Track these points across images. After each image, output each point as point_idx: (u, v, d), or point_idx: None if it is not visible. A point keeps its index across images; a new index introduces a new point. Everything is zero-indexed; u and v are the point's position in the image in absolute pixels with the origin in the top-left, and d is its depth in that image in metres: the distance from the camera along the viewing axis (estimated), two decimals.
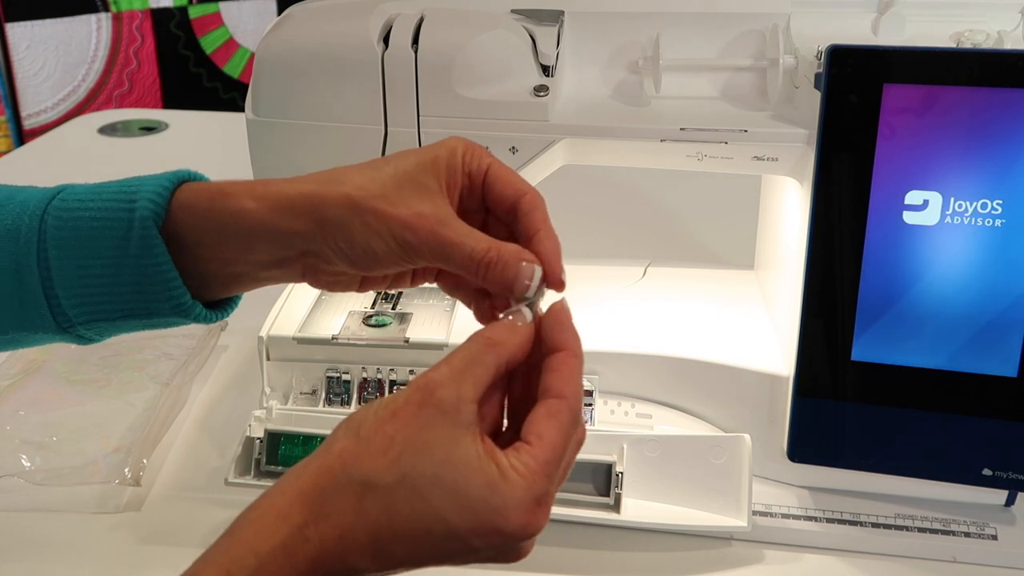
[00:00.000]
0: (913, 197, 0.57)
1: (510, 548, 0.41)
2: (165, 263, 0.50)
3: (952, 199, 0.57)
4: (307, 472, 0.41)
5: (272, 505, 0.40)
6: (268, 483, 0.66)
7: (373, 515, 0.39)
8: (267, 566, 0.38)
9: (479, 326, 0.46)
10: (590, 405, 0.68)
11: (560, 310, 0.45)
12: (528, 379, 0.45)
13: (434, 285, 0.53)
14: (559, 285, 0.46)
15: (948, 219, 0.57)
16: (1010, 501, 0.65)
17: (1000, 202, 0.56)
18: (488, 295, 0.50)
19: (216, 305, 0.53)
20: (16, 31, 1.99)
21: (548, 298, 0.46)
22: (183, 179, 0.52)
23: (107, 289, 0.51)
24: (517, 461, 0.40)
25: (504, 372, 0.43)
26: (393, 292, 0.75)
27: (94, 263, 0.50)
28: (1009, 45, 0.58)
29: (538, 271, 0.45)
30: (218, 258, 0.50)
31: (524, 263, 0.45)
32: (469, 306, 0.52)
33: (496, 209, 0.49)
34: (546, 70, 0.61)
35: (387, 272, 0.50)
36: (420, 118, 0.61)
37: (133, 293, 0.51)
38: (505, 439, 0.43)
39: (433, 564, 0.41)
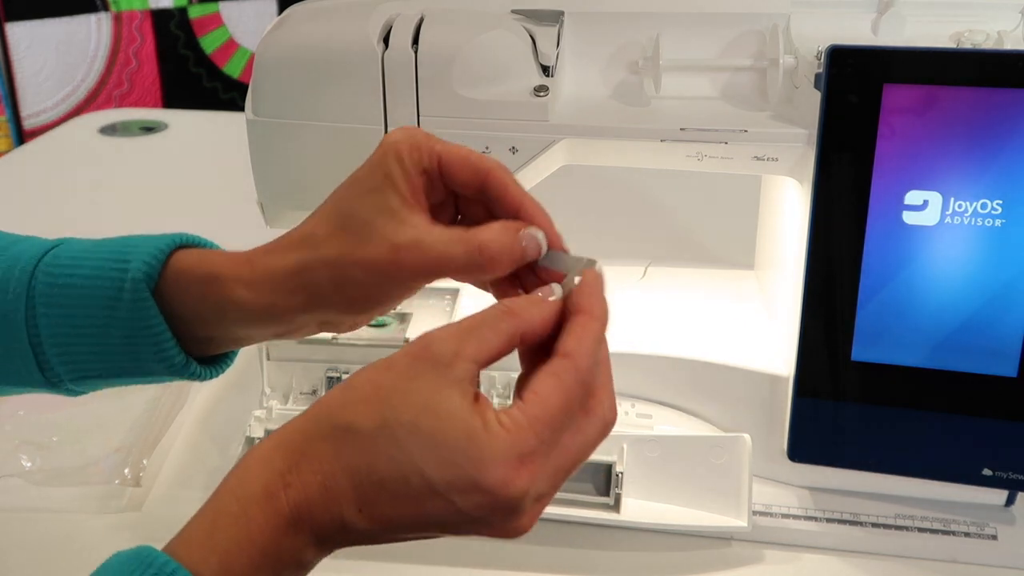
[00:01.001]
0: (913, 197, 0.57)
1: (499, 513, 0.38)
2: (157, 324, 0.49)
3: (952, 199, 0.57)
4: (293, 422, 0.40)
5: (255, 452, 0.40)
6: None
7: (353, 461, 0.38)
8: (249, 511, 0.38)
9: None
10: None
11: (592, 277, 0.43)
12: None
13: (435, 285, 0.53)
14: (562, 249, 0.45)
15: (948, 219, 0.57)
16: (1010, 501, 0.65)
17: (1000, 202, 0.56)
18: (518, 283, 0.47)
19: (212, 360, 0.53)
20: (16, 31, 1.99)
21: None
22: (179, 244, 0.51)
23: (96, 348, 0.50)
24: (505, 416, 0.38)
25: (519, 343, 0.41)
26: None
27: (83, 322, 0.50)
28: (1009, 45, 0.58)
29: (539, 233, 0.44)
30: (217, 335, 0.51)
31: (521, 233, 0.44)
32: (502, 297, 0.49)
33: (463, 192, 0.47)
34: (546, 70, 0.61)
35: (396, 302, 0.49)
36: (420, 118, 0.61)
37: (123, 353, 0.50)
38: None
39: (425, 528, 0.39)
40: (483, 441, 0.37)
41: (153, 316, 0.49)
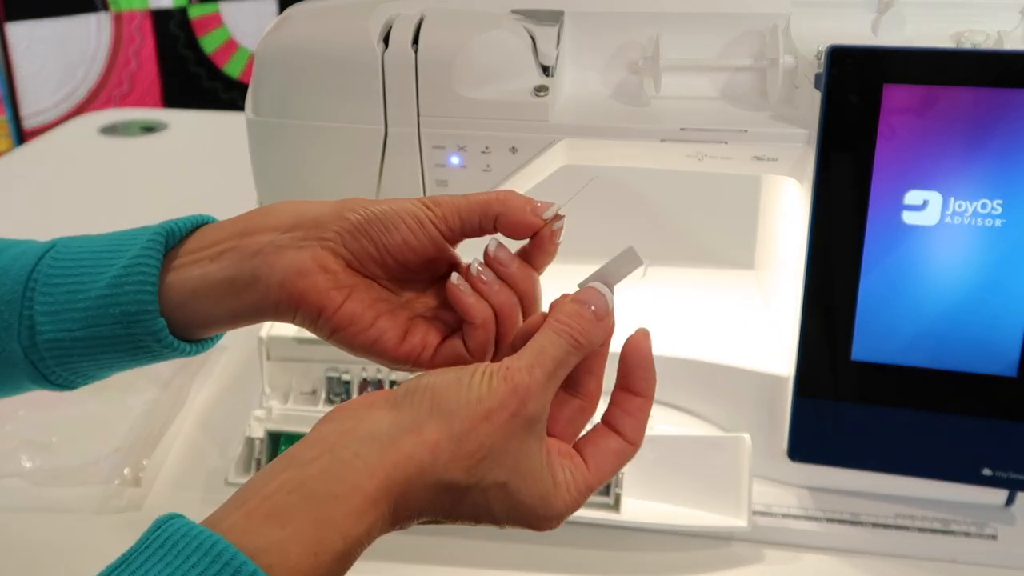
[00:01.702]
0: (913, 197, 0.57)
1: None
2: (152, 310, 0.48)
3: (952, 199, 0.57)
4: (395, 454, 0.39)
5: (360, 487, 0.39)
6: None
7: (442, 505, 0.41)
8: (353, 550, 0.39)
9: None
10: None
11: (642, 343, 0.46)
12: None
13: None
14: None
15: (948, 219, 0.57)
16: (1010, 501, 0.65)
17: (1000, 202, 0.56)
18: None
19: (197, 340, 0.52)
20: (16, 31, 1.99)
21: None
22: (162, 247, 0.50)
23: (92, 361, 0.50)
24: (571, 478, 0.43)
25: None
26: None
27: (79, 297, 0.48)
28: (1009, 45, 0.58)
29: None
30: (207, 326, 0.50)
31: (529, 209, 0.46)
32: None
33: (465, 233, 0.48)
34: (546, 70, 0.61)
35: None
36: (420, 118, 0.61)
37: (123, 362, 0.50)
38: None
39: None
40: (551, 501, 0.42)
41: (165, 339, 0.48)
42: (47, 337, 0.49)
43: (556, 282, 0.50)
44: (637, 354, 0.46)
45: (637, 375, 0.46)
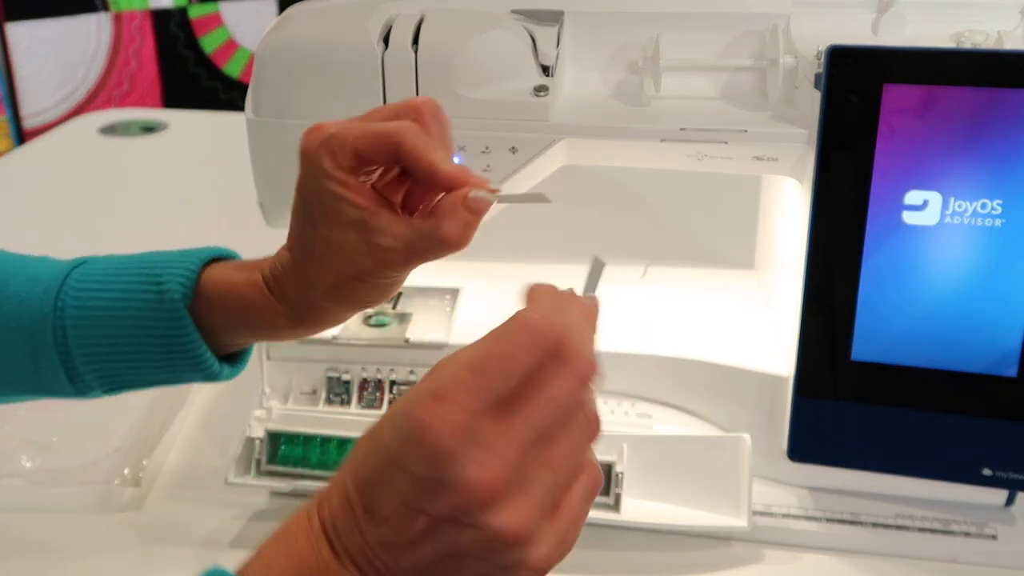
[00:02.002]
0: (913, 197, 0.57)
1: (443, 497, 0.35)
2: (194, 341, 0.53)
3: (952, 199, 0.57)
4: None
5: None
6: (268, 483, 0.66)
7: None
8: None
9: (482, 328, 0.43)
10: None
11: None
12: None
13: (434, 285, 0.54)
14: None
15: (948, 219, 0.57)
16: (1010, 501, 0.65)
17: (1000, 202, 0.56)
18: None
19: (232, 357, 0.57)
20: (16, 31, 1.99)
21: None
22: (208, 259, 0.55)
23: (132, 363, 0.54)
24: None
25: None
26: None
27: (118, 342, 0.53)
28: (1009, 45, 0.58)
29: (480, 192, 0.46)
30: (239, 340, 0.56)
31: (468, 202, 0.46)
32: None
33: (392, 166, 0.49)
34: (546, 70, 0.61)
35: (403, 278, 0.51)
36: None
37: (160, 368, 0.54)
38: None
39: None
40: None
41: (191, 334, 0.53)
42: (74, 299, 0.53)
43: (556, 281, 0.49)
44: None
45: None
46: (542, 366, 0.36)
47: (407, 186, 0.50)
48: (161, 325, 0.53)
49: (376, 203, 0.48)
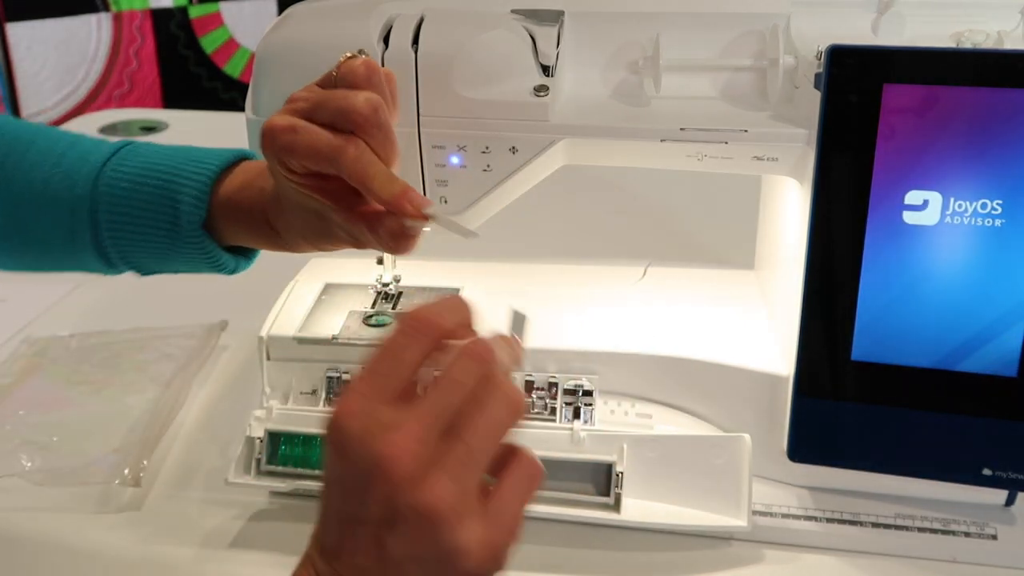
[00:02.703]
0: (913, 197, 0.57)
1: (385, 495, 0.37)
2: (212, 249, 0.61)
3: (952, 199, 0.57)
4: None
5: None
6: (268, 483, 0.66)
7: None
8: None
9: (482, 328, 0.44)
10: (590, 405, 0.67)
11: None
12: None
13: (434, 285, 0.54)
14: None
15: (948, 219, 0.57)
16: (1010, 501, 0.65)
17: (1000, 202, 0.56)
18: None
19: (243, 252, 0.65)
20: (16, 31, 1.99)
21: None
22: (219, 174, 0.62)
23: (156, 258, 0.63)
24: None
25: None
26: (393, 292, 0.75)
27: (143, 242, 0.62)
28: (1009, 45, 0.58)
29: (427, 205, 0.50)
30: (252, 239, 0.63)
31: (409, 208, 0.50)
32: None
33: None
34: (546, 70, 0.61)
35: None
36: (420, 118, 0.61)
37: (183, 263, 0.63)
38: None
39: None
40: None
41: (208, 246, 0.61)
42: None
43: (556, 281, 0.50)
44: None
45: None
46: (431, 352, 0.40)
47: None
48: (179, 238, 0.61)
49: (333, 196, 0.53)
